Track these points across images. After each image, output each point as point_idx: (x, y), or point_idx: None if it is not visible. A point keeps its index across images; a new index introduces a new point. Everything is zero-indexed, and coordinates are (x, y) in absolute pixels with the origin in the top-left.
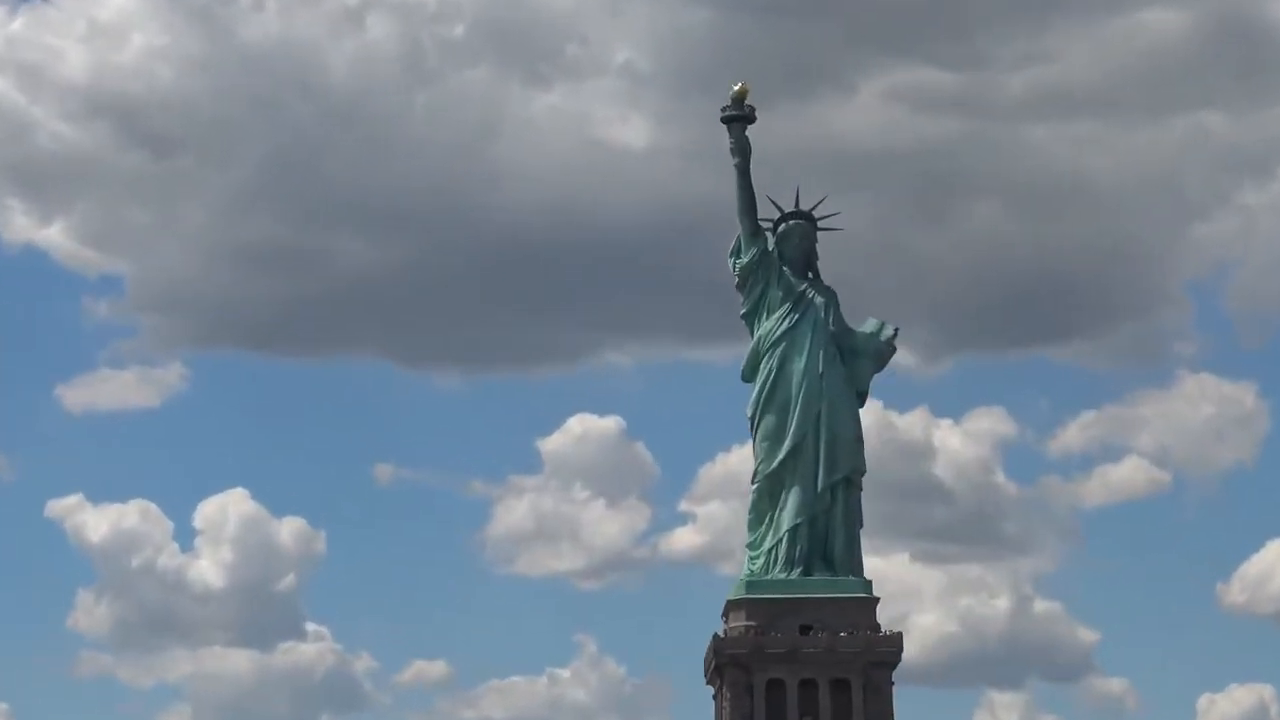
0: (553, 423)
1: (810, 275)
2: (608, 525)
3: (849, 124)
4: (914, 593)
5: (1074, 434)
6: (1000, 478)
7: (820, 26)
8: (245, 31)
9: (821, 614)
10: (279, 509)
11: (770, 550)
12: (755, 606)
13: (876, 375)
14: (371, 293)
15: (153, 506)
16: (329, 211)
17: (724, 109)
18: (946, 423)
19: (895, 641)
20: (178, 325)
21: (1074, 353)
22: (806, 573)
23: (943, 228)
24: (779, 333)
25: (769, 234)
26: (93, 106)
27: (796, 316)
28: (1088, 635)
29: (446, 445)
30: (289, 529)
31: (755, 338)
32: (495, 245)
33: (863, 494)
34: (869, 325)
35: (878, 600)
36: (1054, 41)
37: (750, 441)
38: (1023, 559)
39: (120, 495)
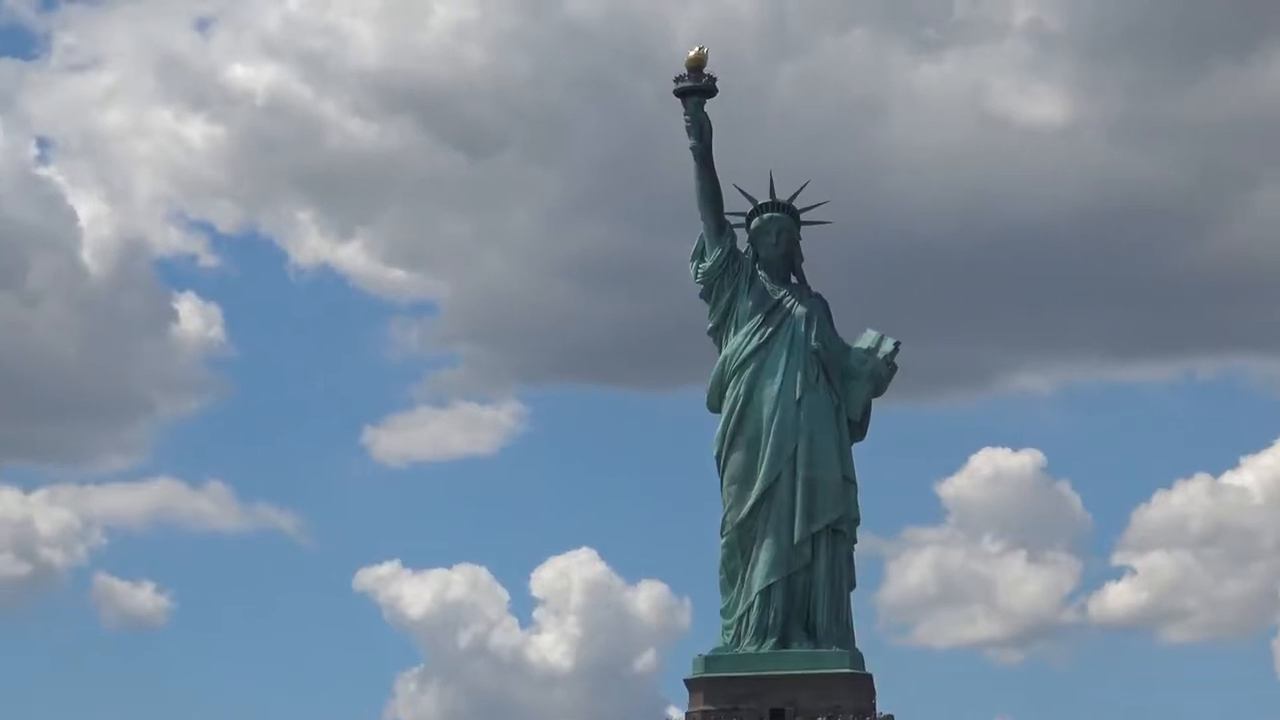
0: (956, 462)
1: (793, 280)
2: (1028, 584)
3: None
4: None
5: None
6: None
7: None
8: None
9: (798, 695)
10: (634, 573)
11: (741, 618)
12: (716, 687)
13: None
14: None
15: (483, 573)
16: (682, 213)
17: (677, 79)
18: None
19: None
20: (507, 355)
21: None
22: (782, 644)
23: None
24: (747, 351)
25: (743, 230)
26: (390, 99)
27: (769, 331)
28: None
29: None
30: (647, 596)
31: (720, 357)
32: (879, 248)
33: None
34: (866, 339)
35: (869, 677)
36: None
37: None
38: None
39: (445, 560)
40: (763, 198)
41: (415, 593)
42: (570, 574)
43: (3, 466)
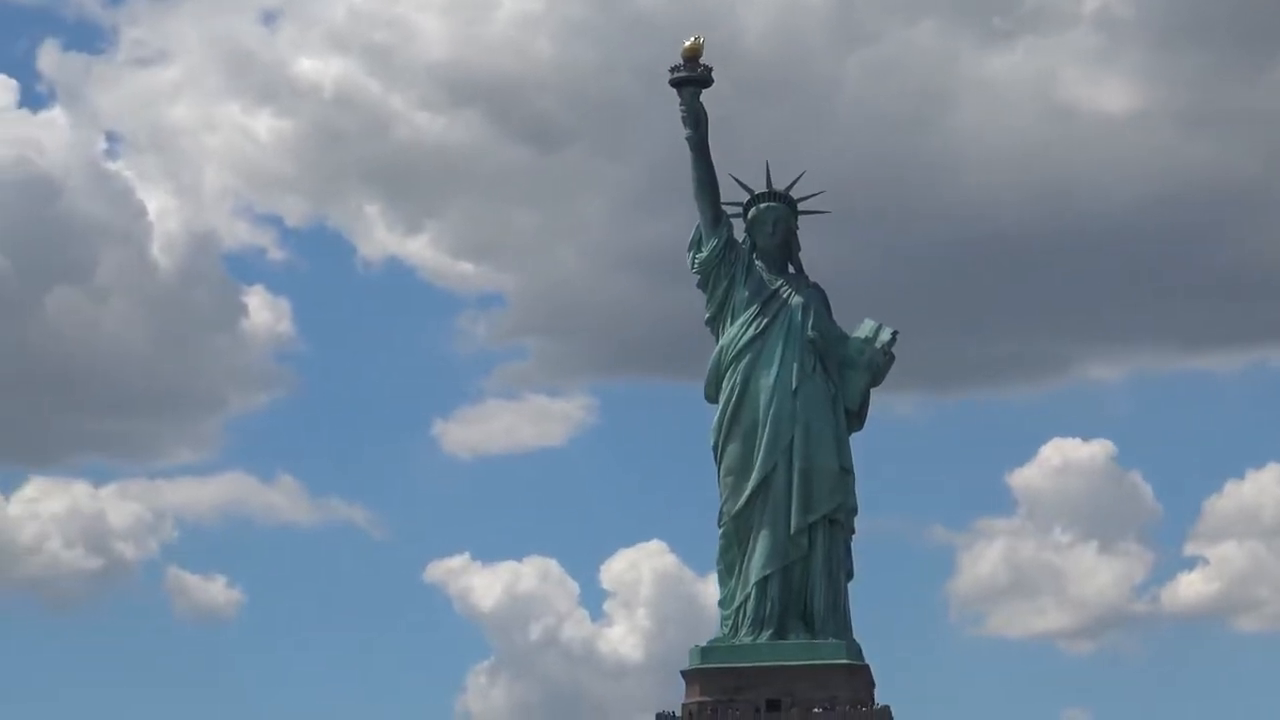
0: (1026, 452)
1: (790, 270)
2: (1099, 575)
3: None
4: None
5: None
6: None
7: None
8: None
9: (795, 686)
10: (704, 564)
11: (739, 608)
12: (712, 678)
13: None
14: None
15: (554, 565)
16: None
17: (673, 69)
18: None
19: (882, 718)
20: (576, 347)
21: None
22: (779, 635)
23: None
24: (743, 341)
25: (740, 220)
26: (457, 91)
27: (765, 320)
28: None
29: (899, 484)
30: (715, 588)
31: (717, 347)
32: (948, 238)
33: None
34: (864, 329)
35: (867, 668)
36: None
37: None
38: None
39: (515, 553)
40: (759, 188)
41: (486, 585)
42: (640, 566)
43: (74, 461)
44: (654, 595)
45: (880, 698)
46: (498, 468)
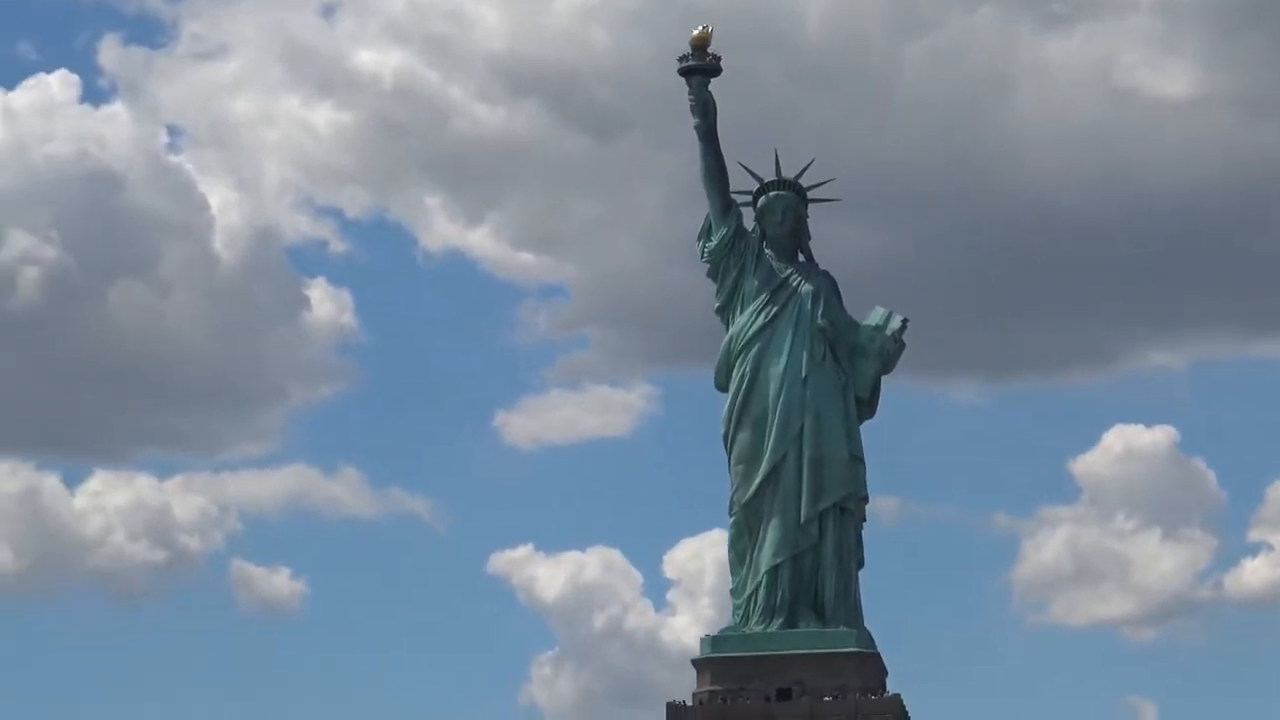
0: (1089, 439)
1: (801, 258)
2: (1162, 561)
3: None
4: None
5: None
6: None
7: None
8: None
9: (806, 674)
10: None
11: (749, 597)
12: (723, 667)
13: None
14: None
15: (617, 555)
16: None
17: (681, 59)
18: None
19: (892, 706)
20: (637, 337)
21: None
22: (789, 624)
23: None
24: (753, 330)
25: (749, 209)
26: (516, 82)
27: (775, 309)
28: None
29: (962, 471)
30: None
31: (727, 336)
32: (1010, 224)
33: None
34: (874, 316)
35: (878, 656)
36: None
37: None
38: None
39: (578, 543)
40: (769, 176)
41: (549, 576)
42: (703, 555)
43: (138, 454)
44: (717, 584)
45: (938, 686)
46: (560, 458)
